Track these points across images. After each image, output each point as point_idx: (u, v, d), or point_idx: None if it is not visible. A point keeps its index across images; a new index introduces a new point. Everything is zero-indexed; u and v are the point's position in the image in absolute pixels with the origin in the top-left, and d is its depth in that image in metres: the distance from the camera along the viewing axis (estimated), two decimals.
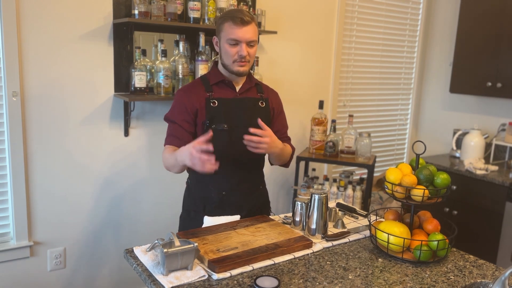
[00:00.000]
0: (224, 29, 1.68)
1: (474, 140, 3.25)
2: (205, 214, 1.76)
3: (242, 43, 1.67)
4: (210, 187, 1.79)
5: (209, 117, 1.71)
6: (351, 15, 3.39)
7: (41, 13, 2.17)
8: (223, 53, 1.72)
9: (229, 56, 1.70)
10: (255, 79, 1.88)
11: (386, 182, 1.53)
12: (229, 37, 1.67)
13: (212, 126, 1.71)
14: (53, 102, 2.27)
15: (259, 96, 1.84)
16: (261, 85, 1.89)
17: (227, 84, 1.78)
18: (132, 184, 2.58)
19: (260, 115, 1.79)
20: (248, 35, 1.67)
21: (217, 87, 1.77)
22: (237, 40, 1.66)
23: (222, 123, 1.72)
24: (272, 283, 1.23)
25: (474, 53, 3.27)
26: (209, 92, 1.74)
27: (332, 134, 2.95)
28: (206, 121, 1.71)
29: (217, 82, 1.77)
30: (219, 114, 1.72)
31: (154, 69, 2.42)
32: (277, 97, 1.94)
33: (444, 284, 1.32)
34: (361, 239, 1.64)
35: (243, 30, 1.66)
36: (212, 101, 1.73)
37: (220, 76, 1.77)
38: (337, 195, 2.97)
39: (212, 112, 1.72)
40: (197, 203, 1.81)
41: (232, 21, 1.66)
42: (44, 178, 2.31)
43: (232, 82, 1.78)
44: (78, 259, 2.48)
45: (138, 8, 2.25)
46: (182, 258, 1.28)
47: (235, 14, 1.68)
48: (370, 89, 3.68)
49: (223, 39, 1.70)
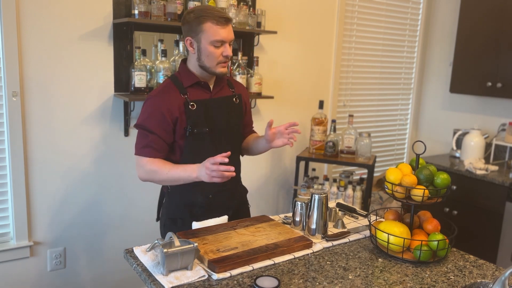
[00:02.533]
0: (206, 29, 1.59)
1: (474, 140, 3.25)
2: (192, 219, 1.71)
3: (226, 43, 1.63)
4: (195, 192, 1.74)
5: (190, 122, 1.65)
6: (351, 15, 3.39)
7: (41, 13, 2.17)
8: (205, 55, 1.63)
9: (213, 58, 1.63)
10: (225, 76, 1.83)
11: (386, 182, 1.53)
12: (214, 39, 1.59)
13: (195, 130, 1.66)
14: (53, 102, 2.27)
15: (232, 93, 1.81)
16: (230, 80, 1.85)
17: (202, 85, 1.71)
18: (132, 184, 2.58)
19: (235, 113, 1.80)
20: (231, 35, 1.64)
21: (191, 88, 1.69)
22: (223, 41, 1.61)
23: (203, 126, 1.67)
24: (272, 283, 1.23)
25: (474, 53, 3.27)
26: (184, 95, 1.66)
27: (332, 134, 2.95)
28: (188, 126, 1.65)
29: (191, 84, 1.69)
30: (199, 117, 1.67)
31: (154, 69, 2.42)
32: (246, 91, 1.94)
33: (444, 284, 1.32)
34: (361, 239, 1.64)
35: (227, 30, 1.62)
36: (191, 104, 1.66)
37: (194, 77, 1.69)
38: (337, 195, 2.97)
39: (193, 117, 1.65)
40: (182, 210, 1.76)
41: (215, 20, 1.59)
42: (44, 178, 2.31)
43: (207, 83, 1.72)
44: (78, 259, 2.48)
45: (138, 8, 2.25)
46: (182, 258, 1.28)
47: (215, 13, 1.60)
48: (370, 89, 3.68)
49: (204, 41, 1.61)
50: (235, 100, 1.80)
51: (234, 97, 1.80)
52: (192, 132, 1.66)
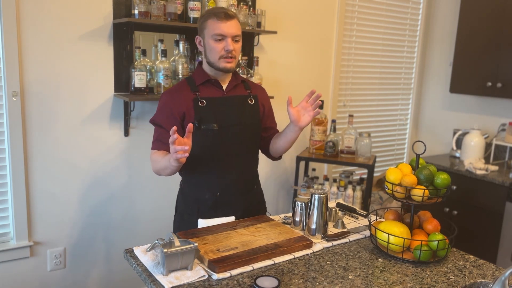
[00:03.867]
0: (208, 25, 1.66)
1: (474, 140, 3.25)
2: (199, 216, 1.73)
3: (228, 37, 1.66)
4: (203, 189, 1.76)
5: (198, 118, 1.68)
6: (351, 15, 3.39)
7: (41, 13, 2.17)
8: (208, 51, 1.69)
9: (215, 53, 1.67)
10: (240, 76, 1.85)
11: (386, 182, 1.53)
12: (214, 33, 1.65)
13: (202, 126, 1.68)
14: (53, 102, 2.27)
15: (247, 93, 1.82)
16: (247, 82, 1.87)
17: (213, 83, 1.75)
18: (132, 183, 2.58)
19: (250, 113, 1.79)
20: (233, 30, 1.66)
21: (203, 87, 1.74)
22: (222, 34, 1.65)
23: (212, 122, 1.70)
24: (272, 283, 1.23)
25: (474, 53, 3.27)
26: (195, 92, 1.71)
27: (332, 134, 2.95)
28: (195, 121, 1.68)
29: (203, 82, 1.74)
30: (208, 113, 1.70)
31: (154, 69, 2.42)
32: (265, 93, 1.93)
33: (444, 284, 1.32)
34: (361, 239, 1.64)
35: (228, 24, 1.65)
36: (200, 101, 1.71)
37: (205, 76, 1.74)
38: (337, 195, 2.97)
39: (201, 112, 1.69)
40: (190, 206, 1.79)
41: (215, 16, 1.65)
42: (44, 178, 2.31)
43: (218, 81, 1.76)
44: (78, 259, 2.48)
45: (138, 8, 2.25)
46: (182, 258, 1.28)
47: (218, 10, 1.67)
48: (370, 89, 3.68)
49: (207, 36, 1.67)
50: (250, 101, 1.81)
51: (249, 98, 1.81)
52: (200, 127, 1.68)
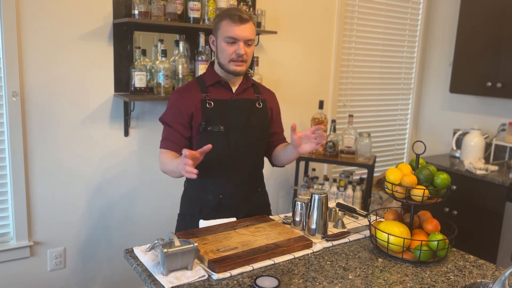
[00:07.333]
0: (222, 27, 1.65)
1: (474, 140, 3.25)
2: (201, 217, 1.73)
3: (240, 41, 1.64)
4: (207, 191, 1.75)
5: (204, 119, 1.68)
6: (351, 15, 3.39)
7: (41, 13, 2.17)
8: (219, 52, 1.69)
9: (226, 55, 1.66)
10: (251, 80, 1.85)
11: (386, 182, 1.53)
12: (226, 35, 1.64)
13: (208, 128, 1.68)
14: (53, 102, 2.27)
15: (256, 97, 1.81)
16: (258, 86, 1.86)
17: (223, 85, 1.74)
18: (132, 184, 2.58)
19: (257, 117, 1.78)
20: (246, 34, 1.65)
21: (213, 88, 1.73)
22: (235, 38, 1.63)
23: (218, 124, 1.69)
24: (272, 283, 1.23)
25: (474, 53, 3.27)
26: (204, 93, 1.71)
27: (332, 134, 2.95)
28: (202, 122, 1.67)
29: (213, 83, 1.73)
30: (215, 115, 1.69)
31: (154, 69, 2.43)
32: (275, 98, 1.92)
33: (444, 284, 1.32)
34: (361, 239, 1.64)
35: (241, 28, 1.63)
36: (208, 102, 1.70)
37: (216, 77, 1.74)
38: (337, 195, 2.97)
39: (208, 114, 1.69)
40: (193, 206, 1.78)
41: (230, 19, 1.63)
42: (44, 178, 2.31)
43: (228, 83, 1.75)
44: (78, 259, 2.48)
45: (138, 8, 2.25)
46: (182, 258, 1.28)
47: (233, 12, 1.65)
48: (370, 89, 3.68)
49: (220, 37, 1.66)
50: (258, 105, 1.80)
51: (257, 102, 1.80)
52: (206, 129, 1.68)
